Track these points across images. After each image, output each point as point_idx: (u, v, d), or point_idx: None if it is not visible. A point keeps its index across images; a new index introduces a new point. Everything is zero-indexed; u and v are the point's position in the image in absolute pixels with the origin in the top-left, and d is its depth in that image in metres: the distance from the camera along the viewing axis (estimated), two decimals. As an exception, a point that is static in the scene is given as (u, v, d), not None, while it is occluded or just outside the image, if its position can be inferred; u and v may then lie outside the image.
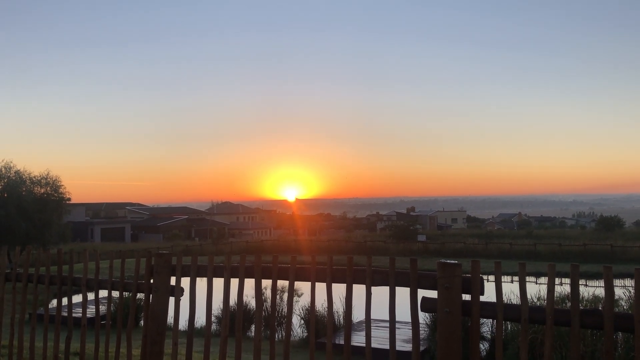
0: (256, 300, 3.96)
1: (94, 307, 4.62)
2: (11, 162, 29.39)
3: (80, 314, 4.63)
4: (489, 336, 10.42)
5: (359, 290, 3.64)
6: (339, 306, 11.91)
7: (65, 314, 5.06)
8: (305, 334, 12.69)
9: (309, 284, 3.77)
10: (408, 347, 9.60)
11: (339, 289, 3.78)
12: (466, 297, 3.27)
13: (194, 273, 4.16)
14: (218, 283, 4.04)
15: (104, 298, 12.05)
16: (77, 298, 11.83)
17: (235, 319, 3.98)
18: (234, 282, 4.01)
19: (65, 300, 4.67)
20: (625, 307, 9.71)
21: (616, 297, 9.63)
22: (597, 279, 26.36)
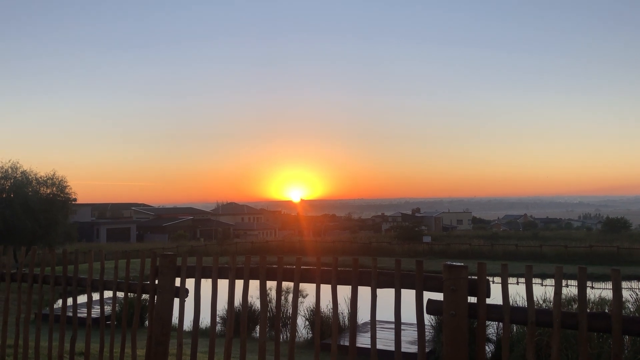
0: (261, 301, 3.95)
1: (99, 307, 4.62)
2: (17, 163, 29.57)
3: (85, 314, 4.63)
4: (494, 338, 10.37)
5: (364, 291, 3.62)
6: (344, 307, 11.89)
7: (70, 314, 5.07)
8: (310, 335, 12.68)
9: (314, 285, 3.76)
10: (413, 349, 9.56)
11: (345, 291, 3.77)
12: (472, 299, 3.24)
13: (199, 274, 4.15)
14: (223, 284, 4.03)
15: (109, 298, 12.07)
16: (82, 298, 11.84)
17: (240, 319, 3.97)
18: (239, 283, 4.00)
19: (70, 301, 4.68)
20: (632, 309, 9.64)
21: (623, 299, 9.55)
22: (603, 281, 26.23)
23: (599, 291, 12.59)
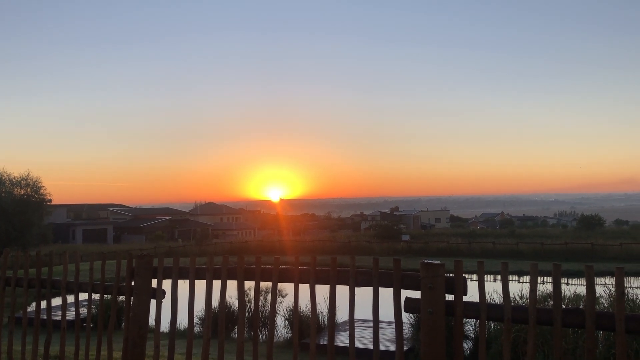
0: (239, 302, 3.93)
1: (74, 309, 4.54)
2: (-10, 163, 28.98)
3: (60, 317, 4.56)
4: (472, 335, 10.47)
5: (343, 290, 3.63)
6: (323, 307, 11.89)
7: (44, 317, 4.99)
8: (289, 335, 12.65)
9: (292, 284, 3.75)
10: (392, 347, 9.61)
11: (323, 290, 3.77)
12: (450, 296, 3.27)
13: (176, 275, 4.11)
14: (201, 285, 4.00)
15: (84, 300, 11.88)
16: (57, 301, 11.66)
17: (218, 320, 3.95)
18: (217, 284, 3.98)
19: (44, 303, 4.60)
20: (606, 305, 9.81)
21: (597, 295, 9.71)
22: (578, 278, 26.66)
23: (574, 287, 12.80)
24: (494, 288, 9.03)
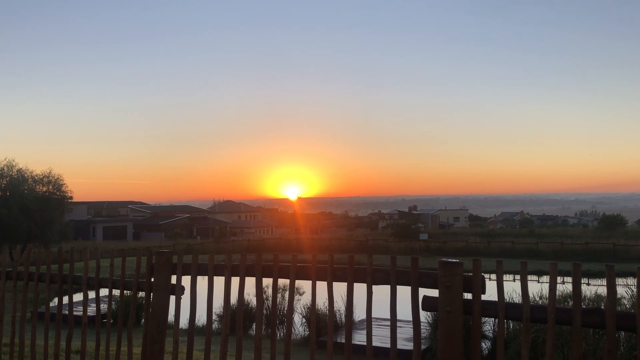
0: (257, 299, 3.95)
1: (95, 305, 4.61)
2: (13, 161, 29.52)
3: (81, 313, 4.63)
4: (490, 335, 10.40)
5: (360, 288, 3.63)
6: (340, 305, 11.90)
7: (66, 312, 5.07)
8: (307, 333, 12.69)
9: (310, 282, 3.76)
10: (409, 346, 9.58)
11: (341, 288, 3.77)
12: (468, 295, 3.25)
13: (195, 271, 4.15)
14: (219, 282, 4.03)
15: (104, 296, 12.06)
16: (78, 296, 11.83)
17: (236, 317, 3.97)
18: (235, 281, 4.00)
19: (66, 299, 4.67)
20: (627, 305, 9.68)
21: (618, 295, 9.59)
22: (599, 278, 26.32)
23: (595, 288, 12.63)
24: (512, 288, 8.95)
